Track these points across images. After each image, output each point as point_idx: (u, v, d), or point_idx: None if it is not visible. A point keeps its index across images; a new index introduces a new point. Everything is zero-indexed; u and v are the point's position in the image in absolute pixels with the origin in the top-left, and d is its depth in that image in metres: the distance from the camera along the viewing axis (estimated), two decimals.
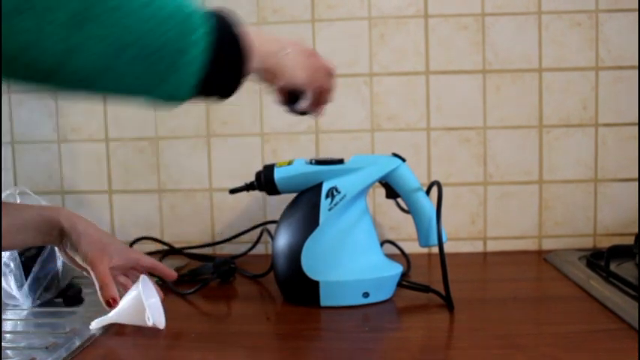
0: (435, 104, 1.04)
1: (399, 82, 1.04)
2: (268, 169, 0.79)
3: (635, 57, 1.01)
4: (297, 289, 0.76)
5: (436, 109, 1.04)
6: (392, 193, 0.78)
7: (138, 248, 1.05)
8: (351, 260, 0.75)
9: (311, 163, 0.78)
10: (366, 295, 0.74)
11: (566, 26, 1.01)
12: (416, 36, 1.03)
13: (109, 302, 0.66)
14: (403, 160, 0.78)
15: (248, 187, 0.81)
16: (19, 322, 0.72)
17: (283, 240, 0.76)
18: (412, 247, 0.94)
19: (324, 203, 0.75)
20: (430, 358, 0.60)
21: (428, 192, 0.78)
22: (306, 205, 0.76)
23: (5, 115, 1.10)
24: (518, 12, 1.02)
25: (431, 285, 0.76)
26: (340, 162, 0.78)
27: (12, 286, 0.75)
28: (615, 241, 0.97)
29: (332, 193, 0.75)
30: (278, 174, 0.78)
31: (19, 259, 0.75)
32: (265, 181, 0.78)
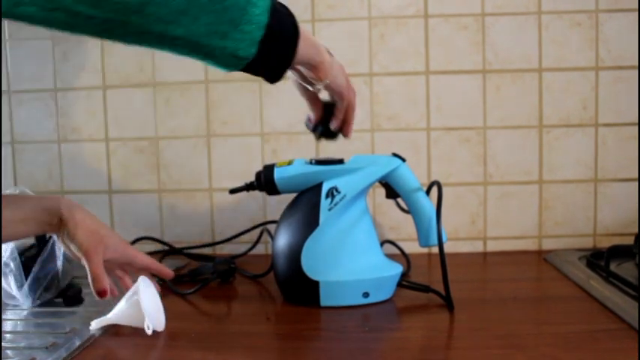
0: (435, 104, 1.04)
1: (399, 82, 1.04)
2: (268, 169, 0.79)
3: (635, 57, 1.01)
4: (297, 289, 0.76)
5: (436, 109, 1.04)
6: (392, 193, 0.78)
7: (138, 248, 1.04)
8: (351, 260, 0.75)
9: (311, 163, 0.78)
10: (366, 295, 0.74)
11: (566, 26, 1.01)
12: (416, 36, 1.03)
13: (100, 294, 0.66)
14: (403, 160, 0.78)
15: (248, 187, 0.81)
16: (19, 322, 0.72)
17: (283, 240, 0.76)
18: (412, 247, 0.94)
19: (324, 203, 0.75)
20: (430, 358, 0.60)
21: (428, 192, 0.78)
22: (306, 205, 0.76)
23: (5, 115, 1.10)
24: (518, 12, 1.02)
25: (431, 285, 0.76)
26: (340, 162, 0.78)
27: (12, 286, 0.75)
28: (615, 241, 0.97)
29: (332, 193, 0.75)
30: (278, 174, 0.78)
31: (19, 259, 0.75)
32: (265, 181, 0.78)
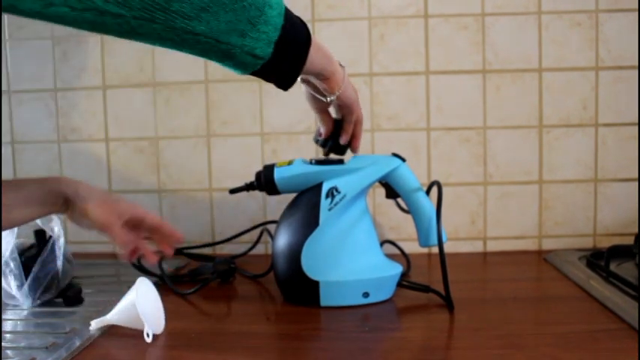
0: (435, 104, 1.04)
1: (399, 82, 1.04)
2: (268, 169, 0.79)
3: (635, 57, 1.01)
4: (297, 289, 0.76)
5: (436, 109, 1.04)
6: (392, 193, 0.78)
7: None
8: (351, 260, 0.75)
9: (311, 163, 0.78)
10: (366, 295, 0.74)
11: (566, 26, 1.01)
12: (416, 36, 1.03)
13: (130, 256, 0.69)
14: (403, 160, 0.78)
15: (248, 187, 0.81)
16: (19, 322, 0.72)
17: (283, 240, 0.76)
18: (412, 247, 0.94)
19: (324, 203, 0.75)
20: (430, 358, 0.60)
21: (428, 192, 0.78)
22: (306, 205, 0.76)
23: (5, 115, 1.10)
24: (518, 12, 1.02)
25: (431, 285, 0.76)
26: (340, 162, 0.78)
27: (12, 286, 0.75)
28: (615, 241, 0.97)
29: (332, 193, 0.75)
30: (278, 174, 0.78)
31: (19, 259, 0.75)
32: (265, 181, 0.78)
